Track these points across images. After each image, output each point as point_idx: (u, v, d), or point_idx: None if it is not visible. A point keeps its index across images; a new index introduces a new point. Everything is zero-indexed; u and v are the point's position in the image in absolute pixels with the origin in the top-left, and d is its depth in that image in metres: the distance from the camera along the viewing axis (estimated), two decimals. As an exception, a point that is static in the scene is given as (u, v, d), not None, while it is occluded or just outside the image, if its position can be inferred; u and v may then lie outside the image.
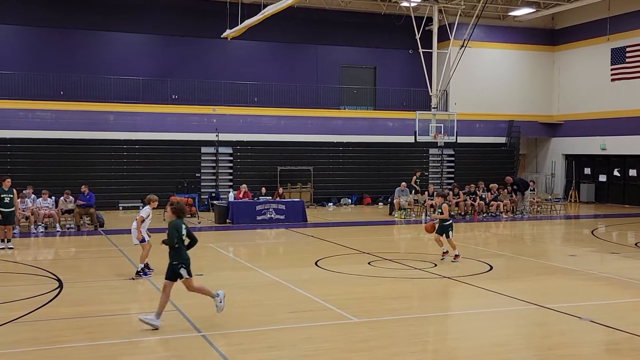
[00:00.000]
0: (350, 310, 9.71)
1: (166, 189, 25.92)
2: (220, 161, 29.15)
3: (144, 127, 27.94)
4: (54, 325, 8.96)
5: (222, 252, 16.26)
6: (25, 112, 26.49)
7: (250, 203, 22.60)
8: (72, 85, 27.45)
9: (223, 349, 7.80)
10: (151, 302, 10.39)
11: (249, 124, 29.64)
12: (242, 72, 30.33)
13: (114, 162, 27.28)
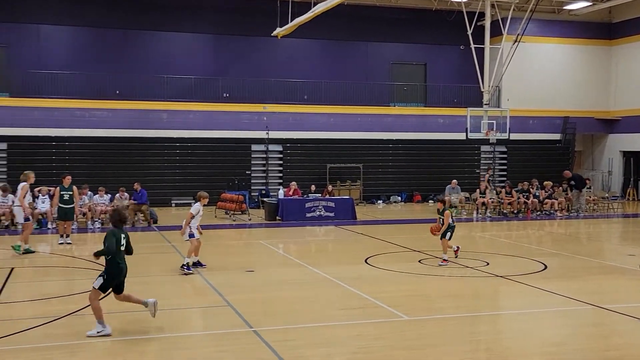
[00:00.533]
0: (401, 308, 9.65)
1: (217, 186, 26.26)
2: (271, 159, 29.36)
3: (196, 125, 28.36)
4: (109, 319, 9.16)
5: (272, 249, 16.38)
6: (82, 111, 27.22)
7: (300, 200, 22.69)
8: (127, 85, 28.07)
9: (274, 344, 7.84)
10: (202, 297, 10.55)
11: (298, 122, 29.76)
12: (292, 70, 30.47)
13: (167, 160, 27.80)
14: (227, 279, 11.94)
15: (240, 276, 12.39)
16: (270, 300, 10.36)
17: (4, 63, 27.72)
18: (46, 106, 26.74)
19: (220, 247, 16.71)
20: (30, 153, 25.99)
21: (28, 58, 27.63)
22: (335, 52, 31.80)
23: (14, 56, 27.70)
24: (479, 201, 24.06)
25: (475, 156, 32.08)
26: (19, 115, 26.22)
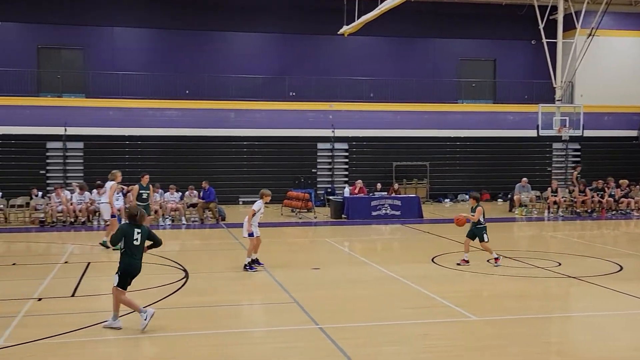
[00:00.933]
0: (469, 308, 9.47)
1: (284, 184, 26.52)
2: (336, 157, 29.41)
3: (263, 124, 28.69)
4: (180, 313, 9.38)
5: (337, 247, 16.39)
6: (154, 110, 27.98)
7: (366, 198, 22.63)
8: (196, 85, 28.68)
9: (340, 342, 7.83)
10: (268, 294, 10.64)
11: (364, 120, 29.67)
12: (358, 67, 30.41)
13: (235, 158, 28.24)
14: (293, 277, 12.02)
15: (306, 274, 12.45)
16: (336, 298, 10.36)
17: (80, 65, 28.81)
18: (120, 106, 27.63)
19: (286, 245, 16.86)
20: (104, 152, 26.92)
21: (103, 60, 28.62)
22: (401, 49, 31.55)
23: (89, 58, 28.74)
24: (551, 200, 23.39)
25: (547, 154, 31.22)
26: (94, 115, 27.17)
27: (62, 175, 26.37)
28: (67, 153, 26.79)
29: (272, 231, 19.23)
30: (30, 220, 20.62)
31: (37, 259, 14.70)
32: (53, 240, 17.47)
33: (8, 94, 26.71)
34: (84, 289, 10.85)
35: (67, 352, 7.53)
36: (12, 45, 28.13)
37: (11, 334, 8.17)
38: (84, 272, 12.27)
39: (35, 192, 21.35)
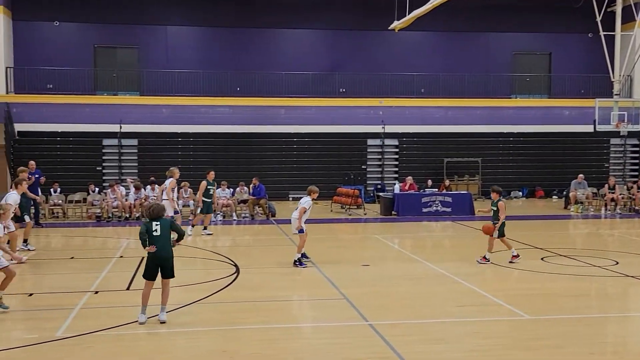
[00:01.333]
0: (521, 307, 9.30)
1: (333, 180, 26.54)
2: (386, 153, 29.27)
3: (313, 120, 28.78)
4: (231, 308, 9.50)
5: (387, 244, 16.31)
6: (206, 108, 28.39)
7: (416, 195, 22.45)
8: (247, 82, 28.97)
9: (390, 339, 7.80)
10: (318, 290, 10.66)
11: (415, 115, 29.45)
12: (409, 63, 30.20)
13: (285, 155, 28.41)
14: (343, 273, 12.02)
15: (356, 270, 12.43)
16: (385, 295, 10.32)
17: (134, 63, 29.45)
18: (172, 104, 28.14)
19: (335, 241, 16.88)
20: (157, 149, 27.48)
21: (156, 58, 29.20)
22: (453, 43, 31.17)
23: (143, 56, 29.35)
24: (608, 197, 22.76)
25: (604, 149, 30.38)
26: (148, 113, 27.75)
27: (118, 171, 27.02)
28: (122, 150, 27.43)
29: (322, 227, 19.27)
30: (87, 215, 21.19)
31: (93, 253, 15.11)
32: (109, 235, 17.92)
33: (66, 93, 27.52)
34: (138, 283, 11.07)
35: (123, 344, 7.72)
36: (70, 45, 28.95)
37: (70, 325, 8.42)
38: (139, 267, 12.54)
39: (92, 188, 21.94)
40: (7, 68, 27.33)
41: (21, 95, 27.31)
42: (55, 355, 7.34)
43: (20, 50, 28.22)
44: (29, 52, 28.20)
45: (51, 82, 27.97)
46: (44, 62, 27.95)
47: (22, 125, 26.94)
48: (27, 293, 10.37)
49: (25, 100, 27.14)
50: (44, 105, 27.29)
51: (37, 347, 7.57)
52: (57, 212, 21.28)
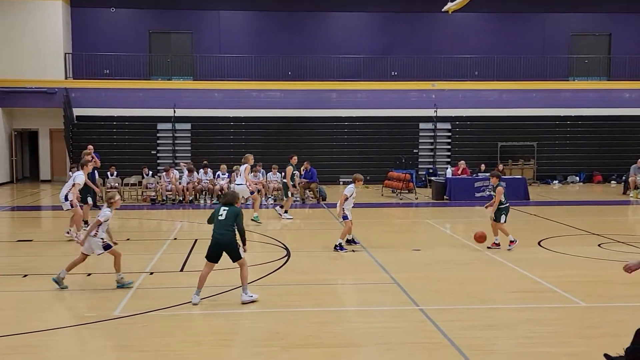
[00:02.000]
0: (577, 294, 9.10)
1: (384, 164, 26.43)
2: (439, 137, 28.93)
3: (364, 104, 28.65)
4: (283, 290, 9.59)
5: (438, 228, 16.16)
6: (257, 92, 28.58)
7: (469, 179, 22.15)
8: (298, 66, 29.01)
9: (441, 324, 7.75)
10: (369, 274, 10.65)
11: (468, 99, 29.00)
12: (462, 45, 29.70)
13: (336, 139, 28.38)
14: (394, 257, 11.98)
15: (407, 255, 12.37)
16: (437, 280, 10.24)
17: (188, 48, 29.83)
18: (225, 88, 28.42)
19: (386, 226, 16.82)
20: (210, 133, 27.84)
21: (209, 43, 29.50)
22: (508, 25, 30.48)
23: (196, 42, 29.70)
24: (669, 182, 21.99)
25: (666, 133, 29.35)
26: (201, 97, 28.12)
27: (171, 155, 27.50)
28: (176, 134, 27.88)
29: (373, 212, 19.23)
30: (142, 198, 21.66)
31: (148, 235, 15.45)
32: (163, 217, 18.29)
33: (122, 78, 28.10)
34: (192, 264, 11.29)
35: (177, 324, 7.88)
36: (126, 30, 29.50)
37: (126, 305, 8.65)
38: (192, 249, 12.77)
39: (146, 171, 22.39)
40: (66, 54, 28.05)
41: (79, 81, 28.03)
42: (113, 333, 7.55)
43: (78, 37, 28.91)
44: (86, 38, 28.88)
45: (108, 68, 28.60)
46: (101, 48, 28.57)
47: (80, 110, 27.67)
48: (86, 273, 10.68)
49: (83, 86, 27.85)
50: (101, 91, 27.96)
51: (95, 325, 7.80)
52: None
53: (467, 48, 29.60)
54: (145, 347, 7.04)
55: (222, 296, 9.15)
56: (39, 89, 27.11)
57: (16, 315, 8.34)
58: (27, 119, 28.49)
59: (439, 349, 6.98)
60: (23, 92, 27.09)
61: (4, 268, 11.10)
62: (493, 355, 6.90)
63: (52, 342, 7.40)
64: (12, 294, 9.52)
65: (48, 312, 8.58)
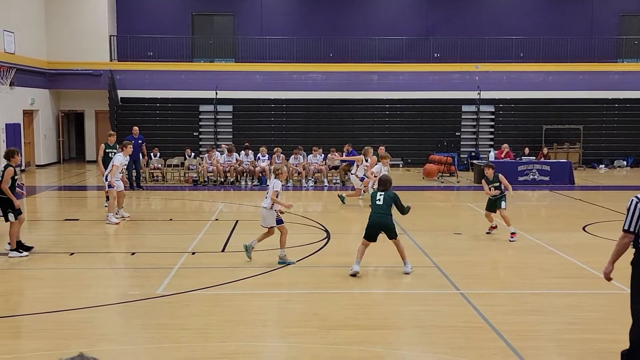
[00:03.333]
0: (623, 281, 8.82)
1: (426, 147, 26.21)
2: (482, 120, 28.51)
3: (406, 86, 28.37)
4: (322, 272, 9.63)
5: (480, 212, 15.93)
6: (299, 74, 28.55)
7: (512, 163, 21.80)
8: (340, 48, 28.85)
9: (481, 308, 7.68)
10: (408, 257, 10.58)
11: (513, 81, 28.46)
12: (507, 26, 29.10)
13: (377, 121, 28.20)
14: (434, 241, 11.90)
15: (448, 238, 12.28)
16: (477, 264, 10.15)
17: (230, 30, 29.94)
18: (266, 70, 28.46)
19: (427, 209, 16.69)
20: (251, 115, 27.96)
21: (251, 25, 29.54)
22: (555, 5, 29.75)
23: (238, 23, 29.77)
24: None
25: None
26: (243, 80, 28.22)
27: (213, 136, 27.74)
28: (218, 116, 28.10)
29: (414, 195, 19.10)
30: (184, 179, 21.95)
31: (190, 216, 15.66)
32: (204, 198, 18.50)
33: (166, 60, 28.40)
34: (232, 245, 11.41)
35: (218, 303, 8.00)
36: (169, 13, 29.75)
37: (169, 284, 8.80)
38: (233, 229, 12.90)
39: (189, 153, 22.65)
40: (111, 37, 28.45)
41: (124, 63, 28.43)
42: (156, 311, 7.69)
43: (123, 20, 29.27)
44: (130, 21, 29.21)
45: (151, 50, 28.92)
46: (145, 30, 28.89)
47: (125, 91, 28.09)
48: (130, 252, 10.90)
49: (127, 68, 28.24)
50: (144, 73, 28.30)
51: (139, 302, 7.97)
52: (157, 176, 22.15)
53: (512, 29, 28.99)
54: (187, 325, 7.16)
55: (262, 277, 9.24)
56: (85, 71, 27.60)
57: (64, 292, 8.57)
58: (74, 100, 29.06)
59: (479, 333, 6.93)
60: (70, 75, 27.62)
61: (52, 246, 11.41)
62: (534, 340, 6.81)
63: (97, 318, 7.58)
64: (59, 271, 9.79)
65: (94, 290, 8.79)
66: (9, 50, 23.24)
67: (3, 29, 22.39)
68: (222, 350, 6.47)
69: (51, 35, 27.38)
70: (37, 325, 7.19)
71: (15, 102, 23.78)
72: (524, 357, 6.26)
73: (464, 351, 6.45)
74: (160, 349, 6.53)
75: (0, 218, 10.72)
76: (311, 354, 6.39)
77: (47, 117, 27.65)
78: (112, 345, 6.57)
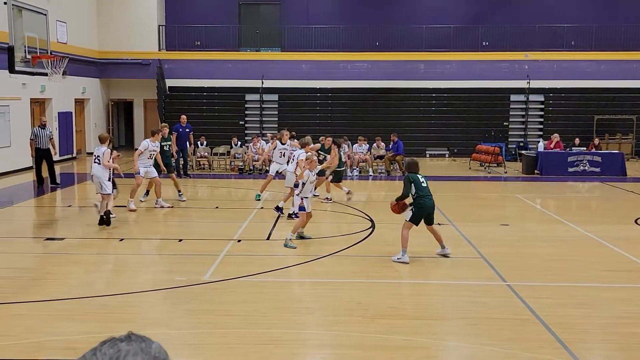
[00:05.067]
0: (677, 275, 8.64)
1: (472, 137, 25.85)
2: (531, 109, 27.95)
3: (453, 75, 27.99)
4: (367, 261, 9.63)
5: (528, 203, 15.70)
6: (344, 63, 28.45)
7: (562, 154, 21.34)
8: (386, 36, 28.63)
9: (529, 300, 7.56)
10: (455, 248, 10.49)
11: (563, 70, 27.79)
12: (558, 13, 28.40)
13: (423, 111, 27.93)
14: (481, 232, 11.76)
15: (494, 229, 12.12)
16: (525, 256, 9.99)
17: (276, 20, 30.01)
18: (312, 59, 28.44)
19: (474, 200, 16.52)
20: (297, 104, 28.01)
21: (297, 14, 29.54)
22: (608, -9, 28.89)
23: (285, 13, 29.81)
24: None
25: None
26: (288, 69, 28.27)
27: (259, 125, 27.92)
28: (263, 105, 28.25)
29: (460, 185, 18.91)
30: (230, 167, 22.17)
31: (236, 204, 15.83)
32: (250, 186, 18.64)
33: (213, 49, 28.67)
34: (277, 233, 11.49)
35: (264, 290, 8.07)
36: (217, 3, 29.97)
37: (215, 270, 8.92)
38: (278, 218, 12.98)
39: (235, 141, 22.85)
40: (160, 26, 28.85)
41: (172, 52, 28.80)
42: (202, 297, 7.81)
43: (171, 9, 29.63)
44: (178, 10, 29.55)
45: (199, 39, 29.21)
46: (193, 20, 29.18)
47: (173, 80, 28.47)
48: (177, 239, 11.08)
49: (175, 57, 28.60)
50: (192, 62, 28.63)
51: (186, 288, 8.10)
52: (204, 164, 22.42)
53: (563, 16, 28.26)
54: (233, 311, 7.25)
55: (306, 265, 9.28)
56: (134, 60, 28.06)
57: (113, 277, 8.78)
58: (123, 89, 29.60)
59: (526, 326, 6.83)
60: (119, 64, 28.13)
61: (102, 231, 11.68)
62: (584, 334, 6.68)
63: (145, 303, 7.75)
64: (111, 257, 10.03)
65: (142, 275, 8.98)
66: (62, 40, 23.78)
67: (56, 19, 22.92)
68: (268, 337, 6.54)
69: (102, 25, 27.90)
70: (87, 308, 7.38)
71: (67, 91, 24.35)
72: (571, 350, 6.14)
73: (510, 343, 6.37)
74: (207, 334, 6.63)
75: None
76: (355, 342, 6.41)
77: (97, 106, 28.25)
78: (159, 330, 6.70)
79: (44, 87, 22.20)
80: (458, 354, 6.43)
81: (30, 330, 6.64)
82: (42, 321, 6.91)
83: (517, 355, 6.09)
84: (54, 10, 21.96)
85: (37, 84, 21.71)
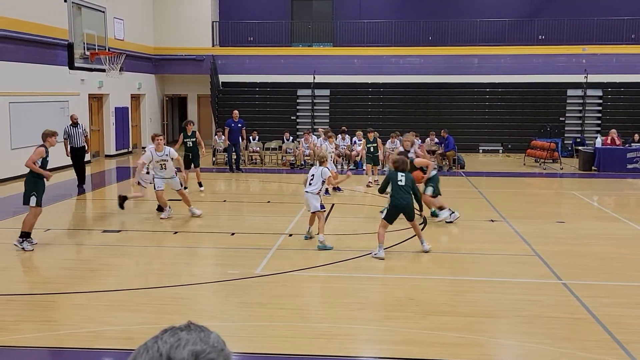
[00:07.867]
0: None
1: (527, 133, 25.35)
2: (588, 104, 27.23)
3: (508, 69, 27.50)
4: (420, 257, 9.57)
5: (585, 200, 15.32)
6: (396, 58, 28.27)
7: (621, 150, 20.74)
8: (439, 30, 28.32)
9: (585, 299, 7.39)
10: (510, 245, 10.35)
11: (623, 64, 26.97)
12: (617, 6, 27.57)
13: (476, 106, 27.52)
14: (536, 229, 11.54)
15: (550, 227, 11.87)
16: (581, 254, 9.76)
17: (328, 15, 30.02)
18: (364, 54, 28.37)
19: (528, 196, 16.21)
20: (348, 99, 27.98)
21: (349, 9, 29.49)
22: (672, -18, 27.87)
23: (337, 8, 29.80)
24: None
25: None
26: (340, 64, 28.27)
27: (310, 120, 28.01)
28: (315, 100, 28.32)
29: (514, 182, 18.60)
30: (282, 162, 22.32)
31: (287, 199, 15.93)
32: (301, 181, 18.69)
33: (265, 45, 28.89)
34: (329, 228, 11.52)
35: (314, 284, 8.13)
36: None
37: (267, 264, 9.02)
38: (329, 213, 13.01)
39: (286, 136, 22.99)
40: (213, 22, 29.23)
41: (225, 48, 29.14)
42: (254, 290, 7.91)
43: (225, 6, 29.99)
44: (232, 7, 29.88)
45: (252, 35, 29.48)
46: (246, 16, 29.46)
47: (226, 76, 28.82)
48: (230, 232, 11.23)
49: (228, 53, 28.94)
50: (245, 57, 28.92)
51: (238, 281, 8.21)
52: (256, 159, 22.64)
53: (622, 8, 27.41)
54: (284, 305, 7.32)
55: (357, 260, 9.29)
56: (188, 56, 28.52)
57: (167, 269, 8.96)
58: (177, 85, 30.12)
59: (582, 325, 6.68)
60: (174, 60, 28.62)
61: (157, 224, 11.94)
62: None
63: (199, 295, 7.89)
64: (165, 249, 10.24)
65: (195, 268, 9.14)
66: (119, 37, 24.35)
67: (114, 16, 23.49)
68: (319, 331, 6.57)
69: (157, 22, 28.44)
70: (142, 299, 7.56)
71: (123, 87, 24.93)
72: (630, 351, 5.98)
73: (565, 342, 6.24)
74: (259, 326, 6.71)
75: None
76: (406, 338, 6.38)
77: (152, 101, 28.83)
78: (212, 322, 6.82)
79: (102, 82, 22.79)
80: (513, 353, 6.34)
81: (88, 320, 6.84)
82: (99, 311, 7.11)
83: (574, 354, 5.97)
84: (111, 7, 22.49)
85: (95, 79, 22.32)
